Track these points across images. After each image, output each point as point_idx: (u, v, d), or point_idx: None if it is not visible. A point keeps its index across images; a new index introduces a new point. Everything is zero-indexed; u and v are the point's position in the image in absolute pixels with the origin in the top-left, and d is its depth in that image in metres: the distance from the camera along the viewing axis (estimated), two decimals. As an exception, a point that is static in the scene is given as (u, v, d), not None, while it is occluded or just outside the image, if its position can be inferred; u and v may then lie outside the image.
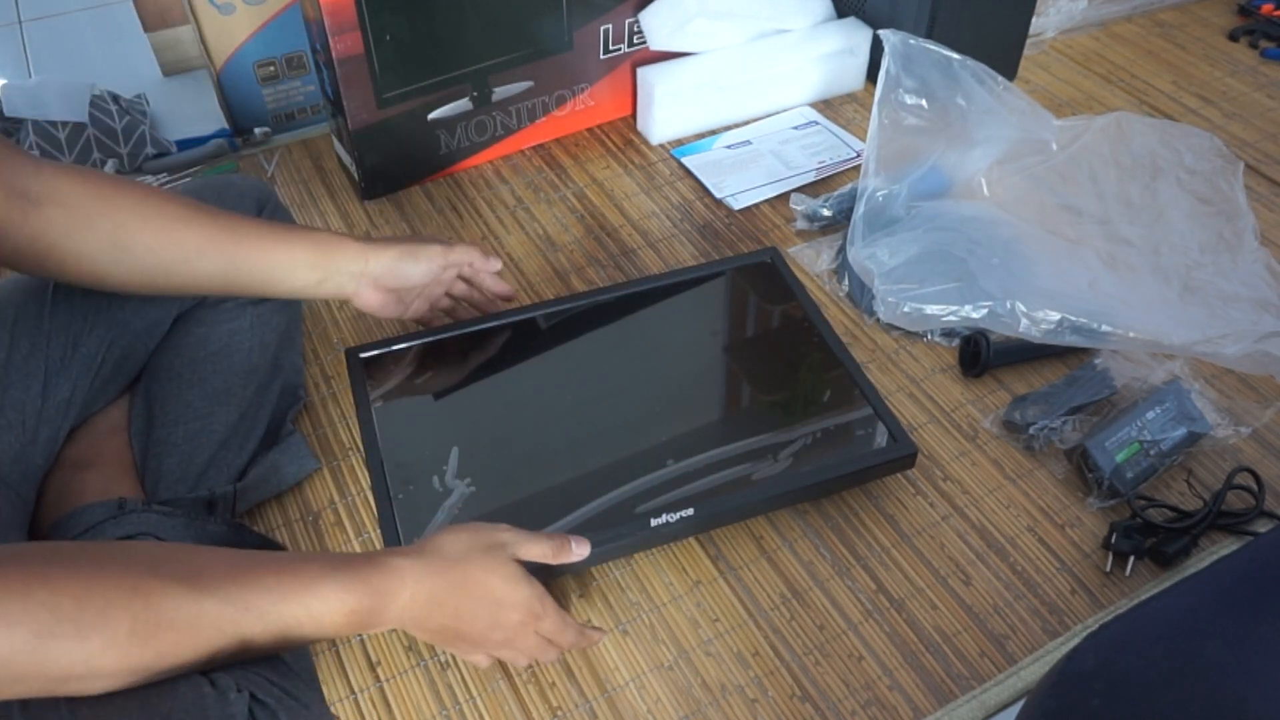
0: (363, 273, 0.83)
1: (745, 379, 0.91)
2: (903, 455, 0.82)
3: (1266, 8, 1.53)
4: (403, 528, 0.77)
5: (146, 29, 1.36)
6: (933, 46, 1.04)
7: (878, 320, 1.03)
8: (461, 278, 0.92)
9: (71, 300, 0.79)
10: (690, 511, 0.76)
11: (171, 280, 0.76)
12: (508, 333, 0.93)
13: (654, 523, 0.76)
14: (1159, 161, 1.12)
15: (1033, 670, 0.77)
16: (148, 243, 0.74)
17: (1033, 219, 1.09)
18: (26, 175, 0.69)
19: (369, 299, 0.85)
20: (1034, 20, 1.35)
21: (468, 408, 0.88)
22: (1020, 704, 0.74)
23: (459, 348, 0.92)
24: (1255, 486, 0.88)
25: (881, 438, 0.83)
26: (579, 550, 0.73)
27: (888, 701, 0.76)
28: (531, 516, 0.77)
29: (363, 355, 0.90)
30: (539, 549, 0.70)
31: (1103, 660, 0.52)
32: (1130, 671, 0.51)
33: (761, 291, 0.97)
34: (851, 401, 0.86)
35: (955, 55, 1.05)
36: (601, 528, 0.76)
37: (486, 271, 0.92)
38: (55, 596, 0.49)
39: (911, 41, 1.04)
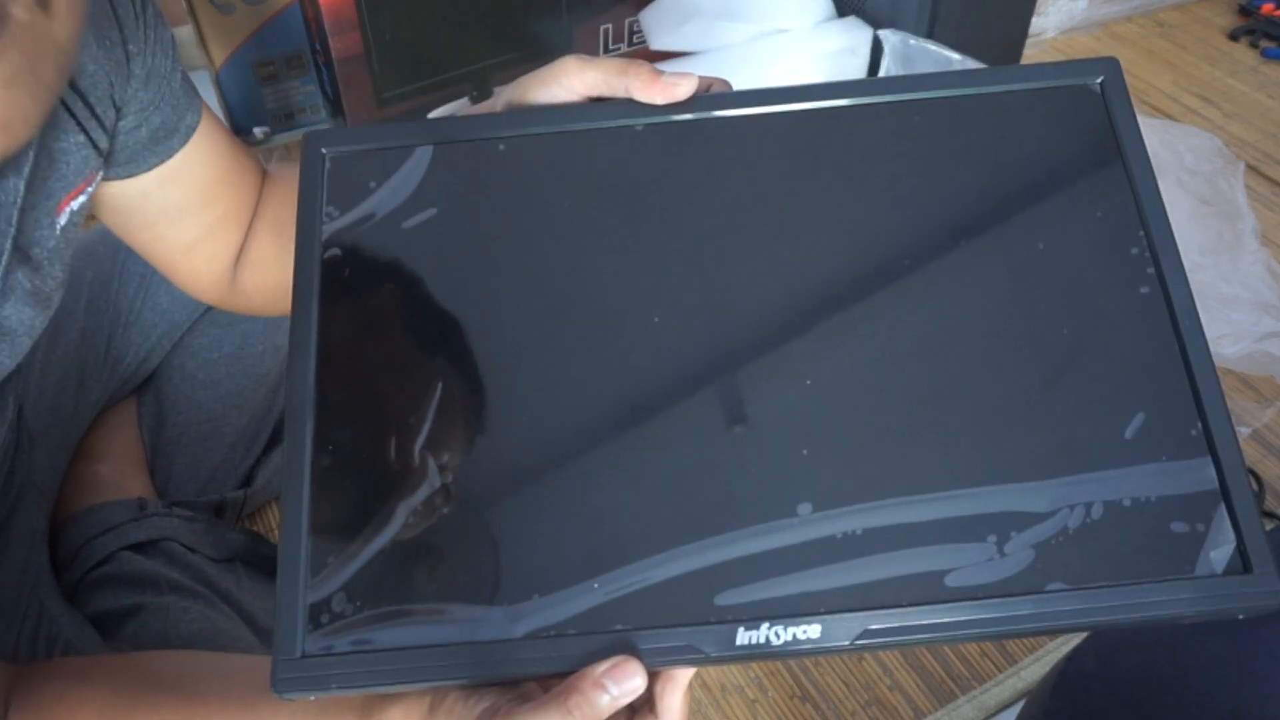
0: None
1: (980, 353, 0.41)
2: (1249, 602, 0.37)
3: (1267, 7, 1.53)
4: (315, 519, 0.39)
5: (146, 29, 1.36)
6: (933, 46, 1.04)
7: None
8: None
9: (105, 298, 0.78)
10: (815, 631, 0.37)
11: None
12: (588, 156, 0.45)
13: (744, 639, 0.37)
14: (1159, 162, 1.12)
15: (1033, 670, 0.77)
16: None
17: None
18: (256, 200, 0.65)
19: None
20: (1034, 20, 1.35)
21: (482, 309, 0.43)
22: (1020, 704, 0.74)
23: (498, 169, 0.46)
24: (1256, 486, 0.88)
25: (1221, 550, 0.38)
26: (627, 687, 0.37)
27: (888, 702, 0.76)
28: (532, 569, 0.39)
29: (330, 150, 0.46)
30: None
31: (1103, 660, 0.52)
32: (1130, 671, 0.51)
33: (1068, 157, 0.44)
34: (1181, 449, 0.39)
35: (955, 55, 1.05)
36: (649, 620, 0.38)
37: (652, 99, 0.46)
38: None
39: (911, 42, 1.04)
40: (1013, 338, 0.41)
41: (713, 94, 0.45)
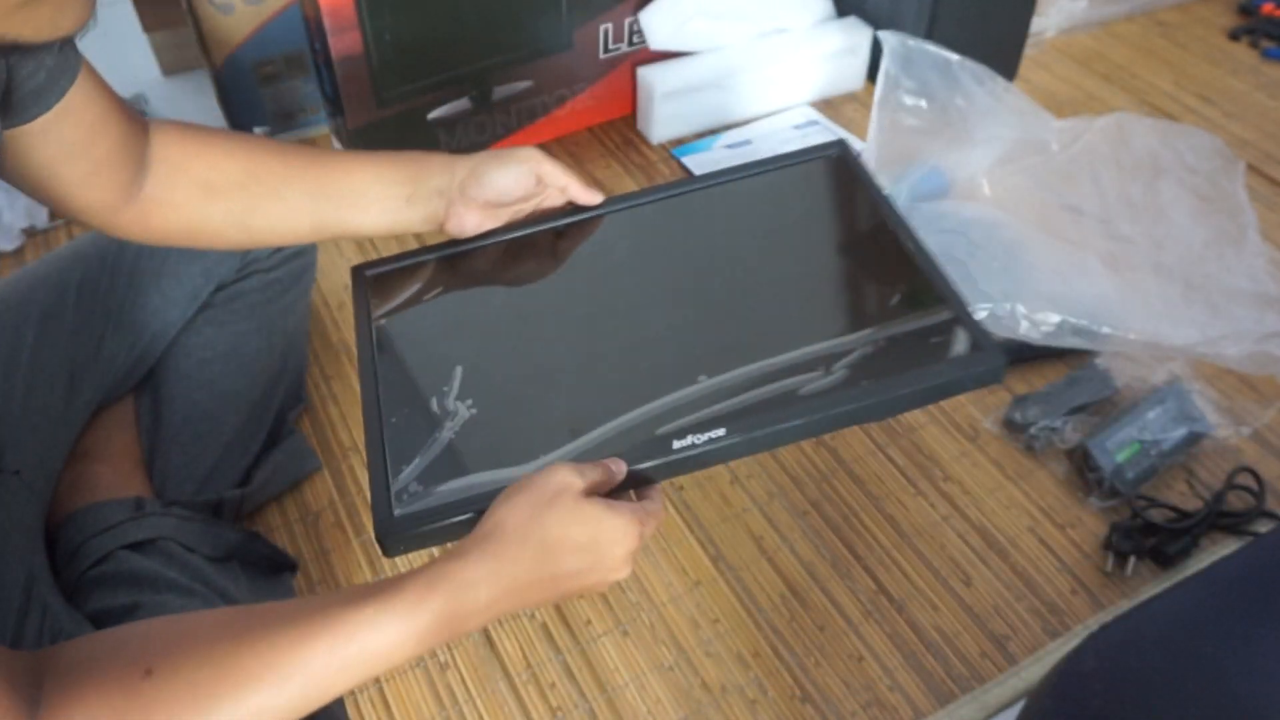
0: (450, 186, 0.74)
1: (795, 283, 0.75)
2: (985, 368, 0.64)
3: (1267, 7, 1.53)
4: (390, 452, 0.65)
5: (146, 29, 1.36)
6: (932, 47, 1.04)
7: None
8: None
9: (95, 297, 0.79)
10: (721, 432, 0.62)
11: (259, 216, 0.71)
12: (533, 243, 0.79)
13: (677, 445, 0.62)
14: (1160, 162, 1.12)
15: (1033, 670, 0.77)
16: (237, 178, 0.70)
17: (1033, 220, 1.09)
18: (140, 139, 0.68)
19: (462, 219, 0.74)
20: (1034, 20, 1.35)
21: (479, 323, 0.76)
22: (1021, 704, 0.74)
23: (478, 261, 0.78)
24: (1256, 486, 0.88)
25: (961, 345, 0.66)
26: (617, 471, 0.60)
27: (888, 702, 0.76)
28: (535, 440, 0.65)
29: (369, 272, 0.78)
30: (596, 475, 0.58)
31: (1103, 660, 0.52)
32: (1130, 672, 0.51)
33: (823, 188, 0.82)
34: (925, 305, 0.69)
35: (954, 56, 1.05)
36: (614, 453, 0.62)
37: (581, 201, 0.78)
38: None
39: (911, 42, 1.04)
40: (824, 279, 0.75)
41: (596, 204, 0.78)
